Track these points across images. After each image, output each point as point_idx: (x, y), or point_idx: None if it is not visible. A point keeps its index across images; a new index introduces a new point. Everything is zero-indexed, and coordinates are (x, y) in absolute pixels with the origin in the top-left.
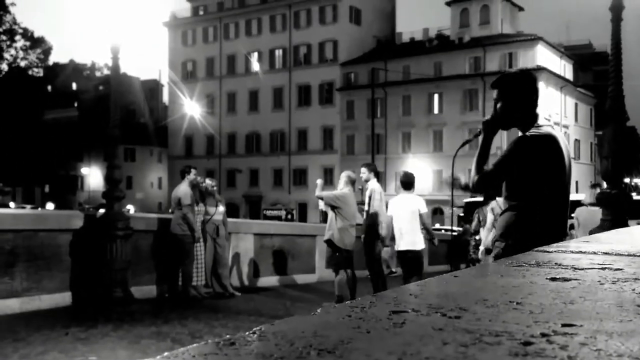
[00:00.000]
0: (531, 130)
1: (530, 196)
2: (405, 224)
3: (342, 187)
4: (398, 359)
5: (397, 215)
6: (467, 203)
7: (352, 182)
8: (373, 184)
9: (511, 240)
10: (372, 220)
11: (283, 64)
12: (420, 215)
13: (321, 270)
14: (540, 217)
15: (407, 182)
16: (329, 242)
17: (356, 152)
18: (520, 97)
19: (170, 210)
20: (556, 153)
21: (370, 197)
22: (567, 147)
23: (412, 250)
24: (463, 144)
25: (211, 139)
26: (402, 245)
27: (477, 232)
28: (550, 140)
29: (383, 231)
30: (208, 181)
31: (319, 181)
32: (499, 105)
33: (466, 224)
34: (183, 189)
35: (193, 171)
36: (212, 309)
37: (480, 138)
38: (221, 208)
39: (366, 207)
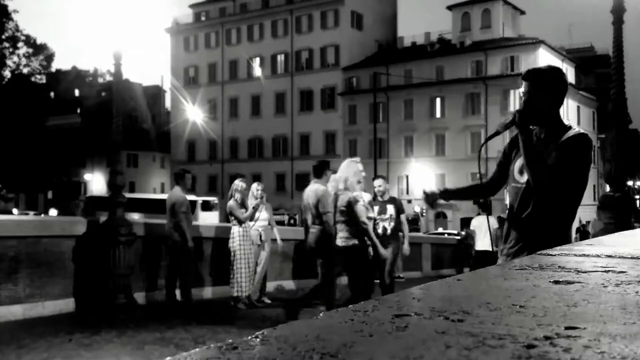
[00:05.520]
0: (581, 130)
1: (568, 199)
2: (484, 234)
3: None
4: None
5: (479, 228)
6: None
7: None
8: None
9: (545, 243)
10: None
11: (285, 69)
12: (494, 228)
13: None
14: (569, 222)
15: (487, 207)
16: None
17: (358, 156)
18: (556, 92)
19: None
20: (591, 158)
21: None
22: None
23: (489, 250)
24: (493, 136)
25: (214, 144)
26: (480, 246)
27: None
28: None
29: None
30: (255, 185)
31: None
32: (533, 98)
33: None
34: (179, 196)
35: (188, 176)
36: (215, 314)
37: (512, 134)
38: (265, 214)
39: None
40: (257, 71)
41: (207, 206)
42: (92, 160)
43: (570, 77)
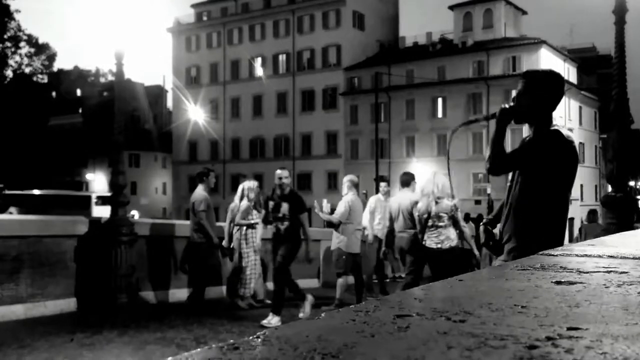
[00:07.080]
0: (562, 129)
1: (552, 198)
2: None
3: (346, 191)
4: None
5: None
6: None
7: (355, 185)
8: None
9: (534, 244)
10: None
11: (287, 69)
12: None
13: (325, 275)
14: (558, 221)
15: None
16: (339, 249)
17: (360, 156)
18: (546, 95)
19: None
20: (576, 157)
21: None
22: None
23: None
24: (469, 122)
25: (215, 144)
26: None
27: None
28: (573, 144)
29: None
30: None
31: (324, 206)
32: (522, 98)
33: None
34: (199, 194)
35: (212, 174)
36: (217, 314)
37: (494, 126)
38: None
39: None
40: (259, 71)
41: (102, 201)
42: (94, 160)
43: (572, 77)
